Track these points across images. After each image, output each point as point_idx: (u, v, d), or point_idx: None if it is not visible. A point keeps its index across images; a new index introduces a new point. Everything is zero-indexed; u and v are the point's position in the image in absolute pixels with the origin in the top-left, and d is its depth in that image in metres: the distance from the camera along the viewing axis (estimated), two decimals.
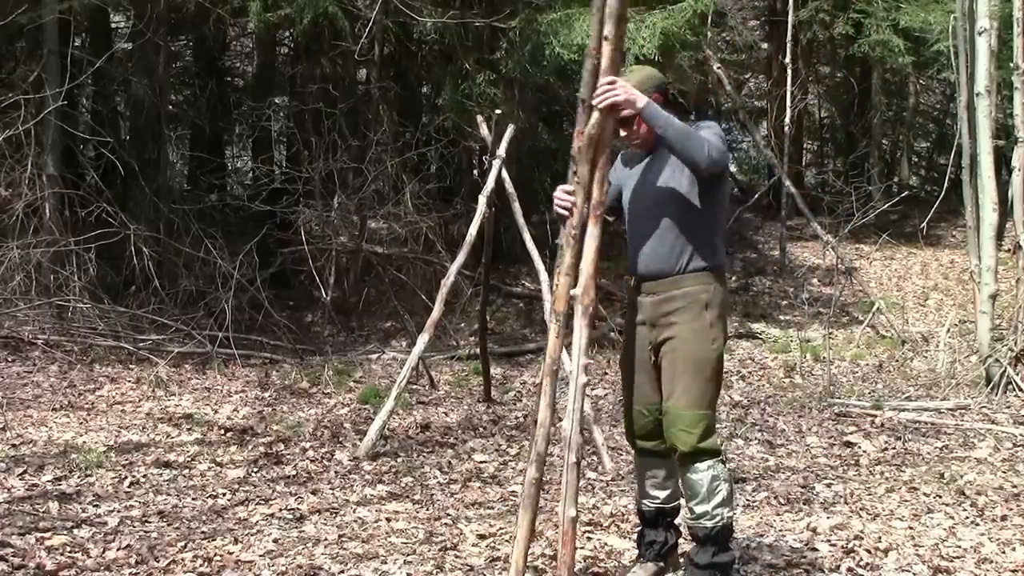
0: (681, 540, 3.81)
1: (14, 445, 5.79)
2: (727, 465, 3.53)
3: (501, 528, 4.44)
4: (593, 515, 4.69)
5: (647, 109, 3.30)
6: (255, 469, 5.53)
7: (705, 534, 3.45)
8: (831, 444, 6.28)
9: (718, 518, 3.43)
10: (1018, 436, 6.39)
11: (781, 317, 11.39)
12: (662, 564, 3.72)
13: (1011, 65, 8.24)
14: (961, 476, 5.42)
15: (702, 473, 3.41)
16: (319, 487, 5.19)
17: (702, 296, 3.44)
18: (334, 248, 10.33)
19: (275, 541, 4.25)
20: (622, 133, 3.54)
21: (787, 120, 13.67)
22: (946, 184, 13.22)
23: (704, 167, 3.32)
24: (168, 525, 4.47)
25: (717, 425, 3.68)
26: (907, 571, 3.96)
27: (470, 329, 9.98)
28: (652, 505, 3.70)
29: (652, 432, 3.59)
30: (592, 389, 7.88)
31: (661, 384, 3.52)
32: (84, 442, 5.95)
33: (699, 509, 3.44)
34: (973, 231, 8.31)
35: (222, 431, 6.44)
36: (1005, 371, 7.64)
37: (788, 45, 13.79)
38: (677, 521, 3.76)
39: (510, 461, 5.83)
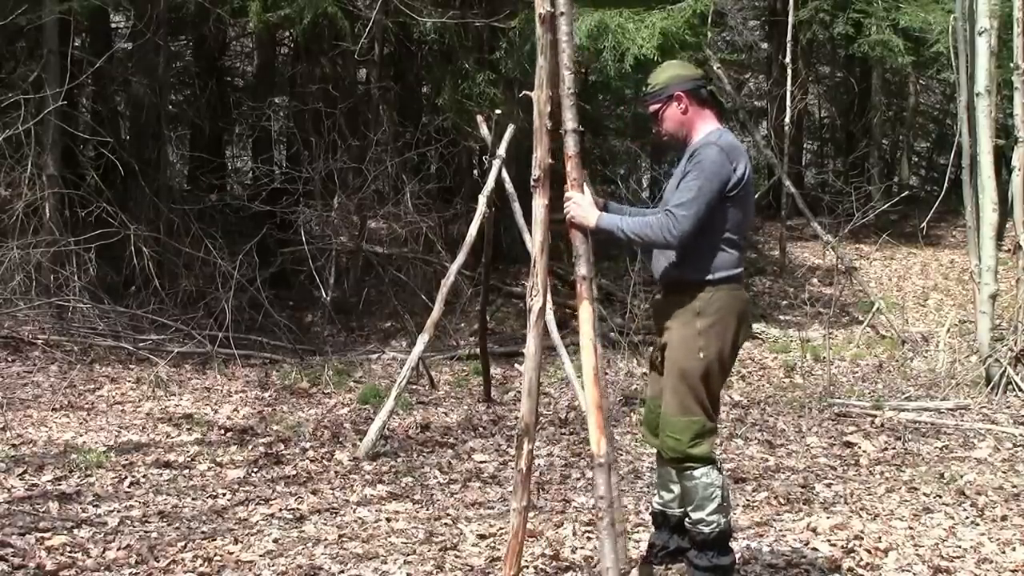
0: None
1: (14, 445, 5.79)
2: (723, 471, 3.51)
3: (501, 528, 4.43)
4: (593, 515, 4.69)
5: (599, 225, 3.40)
6: (255, 469, 5.53)
7: (702, 539, 3.46)
8: (831, 444, 6.28)
9: (714, 524, 3.43)
10: (1018, 436, 6.39)
11: (781, 317, 11.39)
12: (660, 568, 3.70)
13: (1011, 65, 8.23)
14: (961, 476, 5.42)
15: (696, 480, 3.42)
16: (319, 487, 5.19)
17: (695, 304, 3.42)
18: (334, 248, 10.33)
19: (275, 541, 4.25)
20: (654, 128, 3.62)
21: (787, 120, 13.67)
22: (946, 184, 13.22)
23: (675, 246, 3.38)
24: (168, 525, 4.47)
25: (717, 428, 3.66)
26: (907, 571, 3.96)
27: (470, 329, 9.98)
28: (657, 505, 3.71)
29: (657, 430, 3.60)
30: None
31: None
32: (84, 442, 5.95)
33: (695, 516, 3.45)
34: (973, 231, 8.30)
35: (222, 431, 6.44)
36: (1005, 371, 7.63)
37: (788, 45, 13.79)
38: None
39: (510, 461, 5.83)
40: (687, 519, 3.49)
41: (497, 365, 8.58)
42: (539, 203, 3.47)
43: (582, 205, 3.41)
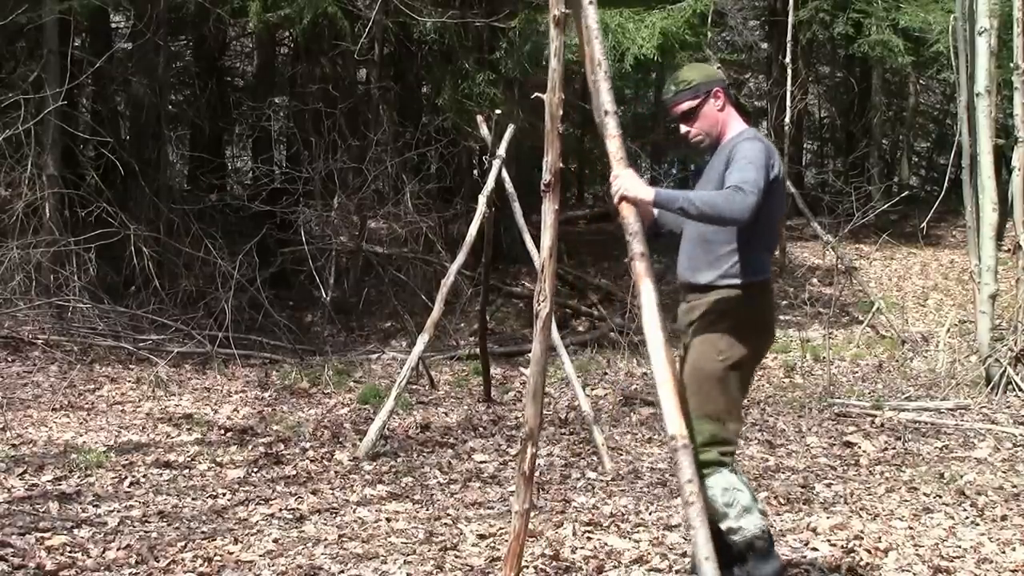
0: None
1: (14, 445, 5.79)
2: (738, 471, 3.33)
3: (501, 528, 4.43)
4: (593, 515, 4.69)
5: (659, 199, 3.23)
6: (255, 469, 5.53)
7: (739, 549, 3.30)
8: (831, 444, 6.28)
9: (743, 530, 3.26)
10: (1018, 436, 6.39)
11: (781, 317, 11.38)
12: None
13: (1011, 65, 8.23)
14: (961, 476, 5.42)
15: (713, 489, 3.24)
16: (319, 487, 5.19)
17: (720, 307, 3.30)
18: (334, 248, 10.33)
19: (275, 541, 4.25)
20: (682, 129, 3.46)
21: (787, 120, 13.66)
22: (946, 184, 13.22)
23: (746, 221, 3.15)
24: (168, 525, 4.47)
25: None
26: (907, 571, 3.96)
27: (470, 329, 9.98)
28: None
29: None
30: (592, 389, 7.89)
31: None
32: (84, 442, 5.95)
33: (724, 526, 3.27)
34: (973, 231, 8.30)
35: (222, 431, 6.44)
36: (1005, 371, 7.63)
37: (788, 45, 13.78)
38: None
39: (510, 461, 5.82)
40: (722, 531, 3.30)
41: (497, 365, 8.58)
42: (549, 207, 3.41)
43: (633, 180, 3.28)
